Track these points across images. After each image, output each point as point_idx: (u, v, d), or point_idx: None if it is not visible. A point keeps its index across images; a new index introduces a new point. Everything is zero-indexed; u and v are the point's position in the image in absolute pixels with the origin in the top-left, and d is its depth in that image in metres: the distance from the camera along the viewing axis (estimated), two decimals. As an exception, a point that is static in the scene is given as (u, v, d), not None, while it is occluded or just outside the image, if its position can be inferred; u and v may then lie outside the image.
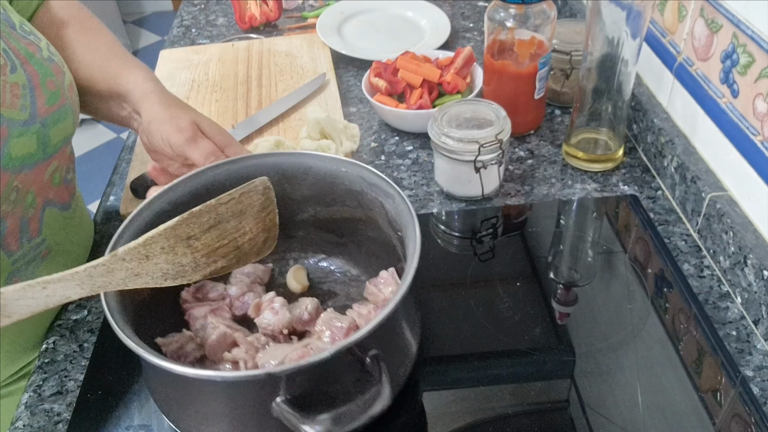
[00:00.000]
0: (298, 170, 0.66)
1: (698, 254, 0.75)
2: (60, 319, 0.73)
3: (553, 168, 0.88)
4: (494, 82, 0.90)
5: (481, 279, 0.74)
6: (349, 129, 0.87)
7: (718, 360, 0.63)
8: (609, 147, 0.86)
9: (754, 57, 0.67)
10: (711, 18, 0.74)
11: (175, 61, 1.12)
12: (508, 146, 0.81)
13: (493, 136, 0.77)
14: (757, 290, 0.65)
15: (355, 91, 1.06)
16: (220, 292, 0.67)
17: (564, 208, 0.83)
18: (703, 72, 0.77)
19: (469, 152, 0.78)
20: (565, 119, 0.97)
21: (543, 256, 0.77)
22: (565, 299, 0.72)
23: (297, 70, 1.08)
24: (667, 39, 0.85)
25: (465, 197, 0.84)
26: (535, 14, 0.84)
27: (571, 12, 1.15)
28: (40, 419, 0.63)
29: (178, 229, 0.55)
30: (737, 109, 0.71)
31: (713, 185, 0.74)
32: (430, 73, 0.95)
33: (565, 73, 0.96)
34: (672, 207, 0.81)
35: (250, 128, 0.93)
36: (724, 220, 0.70)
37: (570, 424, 0.59)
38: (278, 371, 0.47)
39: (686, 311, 0.68)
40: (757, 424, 0.58)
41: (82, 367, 0.67)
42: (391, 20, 1.22)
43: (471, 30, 1.21)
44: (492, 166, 0.80)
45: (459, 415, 0.61)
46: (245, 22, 1.24)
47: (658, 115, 0.85)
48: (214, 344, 0.60)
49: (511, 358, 0.65)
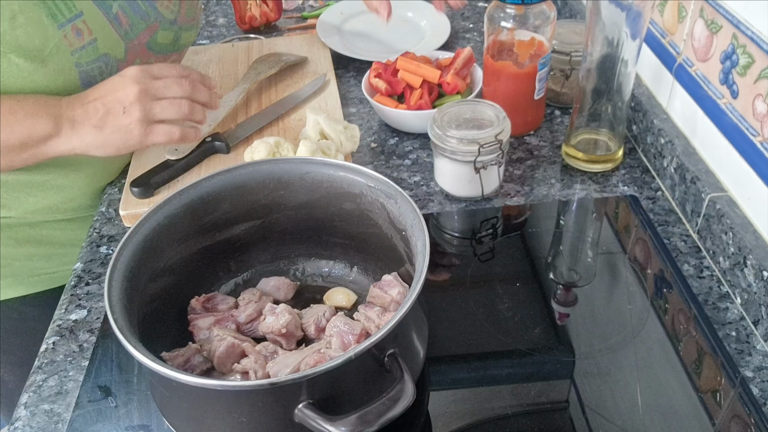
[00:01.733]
0: (294, 176, 0.66)
1: (698, 255, 0.75)
2: (60, 319, 0.73)
3: (553, 168, 0.88)
4: (494, 82, 0.90)
5: (481, 279, 0.74)
6: (349, 129, 0.87)
7: (717, 361, 0.63)
8: (609, 148, 0.86)
9: (754, 58, 0.67)
10: (711, 19, 0.74)
11: (175, 62, 1.12)
12: (508, 146, 0.81)
13: (493, 137, 0.77)
14: (757, 291, 0.65)
15: (355, 91, 1.07)
16: (229, 305, 0.67)
17: (564, 208, 0.83)
18: (702, 73, 0.77)
19: (469, 153, 0.78)
20: (564, 120, 0.97)
21: (543, 257, 0.77)
22: (564, 300, 0.72)
23: (297, 71, 1.08)
24: (667, 40, 0.85)
25: (465, 198, 0.84)
26: (535, 15, 0.84)
27: (570, 13, 1.15)
28: (39, 419, 0.63)
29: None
30: (737, 110, 0.71)
31: (713, 186, 0.74)
32: (429, 73, 0.95)
33: (564, 74, 0.96)
34: (672, 208, 0.81)
35: (250, 129, 0.93)
36: (723, 221, 0.70)
37: (570, 425, 0.59)
38: (309, 375, 0.47)
39: (686, 312, 0.68)
40: (756, 424, 0.58)
41: (82, 368, 0.67)
42: (391, 21, 1.22)
43: (471, 31, 1.21)
44: (492, 166, 0.80)
45: (459, 415, 0.61)
46: (245, 22, 1.24)
47: (658, 116, 0.85)
48: (223, 356, 0.60)
49: (511, 359, 0.65)
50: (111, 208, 0.88)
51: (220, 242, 0.68)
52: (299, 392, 0.49)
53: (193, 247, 0.66)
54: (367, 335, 0.62)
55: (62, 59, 0.75)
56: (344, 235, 0.70)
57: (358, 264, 0.72)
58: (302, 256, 0.73)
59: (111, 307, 0.53)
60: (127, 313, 0.54)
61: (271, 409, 0.50)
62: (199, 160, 0.88)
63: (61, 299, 0.75)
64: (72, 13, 0.75)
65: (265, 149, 0.82)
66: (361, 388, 0.52)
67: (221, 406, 0.52)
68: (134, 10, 0.82)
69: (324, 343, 0.61)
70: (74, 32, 0.75)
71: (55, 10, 0.73)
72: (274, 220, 0.69)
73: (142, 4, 0.83)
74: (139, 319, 0.57)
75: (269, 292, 0.69)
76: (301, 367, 0.57)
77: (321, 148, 0.83)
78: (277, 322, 0.63)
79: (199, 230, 0.66)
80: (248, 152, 0.84)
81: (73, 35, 0.75)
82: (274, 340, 0.63)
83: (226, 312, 0.66)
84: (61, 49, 0.74)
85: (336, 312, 0.66)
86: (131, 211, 0.82)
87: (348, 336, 0.60)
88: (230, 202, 0.66)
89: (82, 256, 0.81)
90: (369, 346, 0.48)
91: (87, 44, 0.76)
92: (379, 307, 0.64)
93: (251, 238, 0.70)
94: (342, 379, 0.51)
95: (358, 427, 0.47)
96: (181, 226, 0.63)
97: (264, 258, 0.72)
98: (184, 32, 0.92)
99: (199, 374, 0.60)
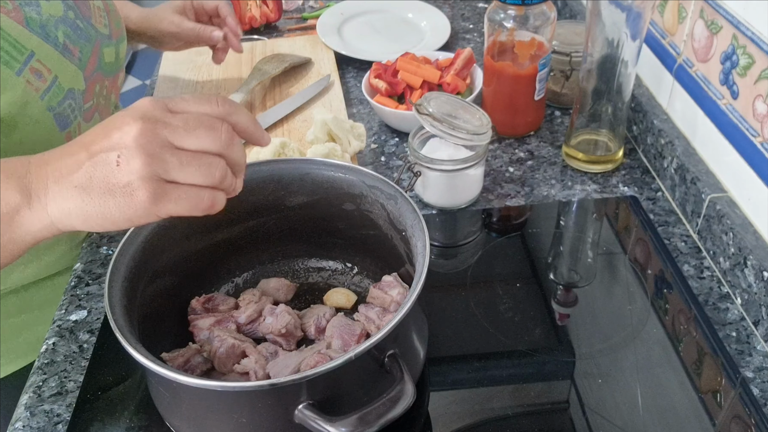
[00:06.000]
0: (294, 177, 0.66)
1: (698, 255, 0.75)
2: (60, 320, 0.73)
3: (553, 169, 0.88)
4: (494, 83, 0.90)
5: (481, 280, 0.74)
6: (356, 129, 0.87)
7: (718, 361, 0.63)
8: (609, 148, 0.86)
9: (754, 58, 0.67)
10: (711, 19, 0.74)
11: (179, 63, 1.12)
12: (487, 150, 0.81)
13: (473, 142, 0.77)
14: (757, 291, 0.65)
15: (355, 92, 1.07)
16: (230, 305, 0.67)
17: (564, 209, 0.83)
18: (702, 73, 0.77)
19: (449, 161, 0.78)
20: (565, 120, 0.97)
21: (543, 257, 0.77)
22: (565, 300, 0.72)
23: (301, 72, 1.08)
24: (667, 40, 0.85)
25: (449, 207, 0.84)
26: (535, 15, 0.84)
27: (571, 13, 1.15)
28: (39, 420, 0.63)
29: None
30: (737, 111, 0.71)
31: (713, 186, 0.74)
32: (430, 74, 0.95)
33: (565, 75, 0.96)
34: (672, 208, 0.81)
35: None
36: (724, 221, 0.70)
37: (570, 425, 0.59)
38: (309, 375, 0.47)
39: (686, 312, 0.68)
40: (757, 425, 0.58)
41: (82, 368, 0.67)
42: (391, 21, 1.22)
43: (471, 31, 1.21)
44: (475, 171, 0.80)
45: (459, 416, 0.61)
46: (245, 23, 1.24)
47: (658, 117, 0.85)
48: (223, 356, 0.60)
49: (511, 359, 0.65)
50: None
51: (220, 243, 0.68)
52: (299, 393, 0.49)
53: (193, 248, 0.66)
54: (367, 336, 0.62)
55: (34, 108, 0.69)
56: (344, 235, 0.70)
57: (358, 264, 0.72)
58: (302, 256, 0.73)
59: (111, 307, 0.53)
60: (127, 313, 0.54)
61: (271, 409, 0.50)
62: (202, 160, 0.88)
63: (61, 300, 0.75)
64: (23, 55, 0.69)
65: (270, 150, 0.82)
66: (362, 389, 0.52)
67: (221, 406, 0.52)
68: (77, 33, 0.77)
69: (324, 344, 0.61)
70: (34, 75, 0.70)
71: (6, 57, 0.67)
72: (274, 221, 0.69)
73: (80, 23, 0.78)
74: (139, 319, 0.57)
75: (269, 293, 0.69)
76: (301, 368, 0.57)
77: (331, 151, 0.82)
78: (276, 322, 0.63)
79: (200, 230, 0.65)
80: (253, 153, 0.84)
81: (35, 78, 0.70)
82: (274, 341, 0.63)
83: (227, 312, 0.66)
84: (29, 97, 0.68)
85: (336, 312, 0.66)
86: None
87: (348, 337, 0.60)
88: (230, 202, 0.66)
89: (82, 257, 0.81)
90: (369, 346, 0.48)
91: (50, 84, 0.71)
92: (379, 308, 0.64)
93: (251, 239, 0.70)
94: (342, 380, 0.51)
95: (358, 428, 0.47)
96: (182, 226, 0.63)
97: (264, 258, 0.72)
98: (119, 45, 0.87)
99: (200, 375, 0.60)
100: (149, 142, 0.47)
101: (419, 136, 0.82)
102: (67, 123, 0.73)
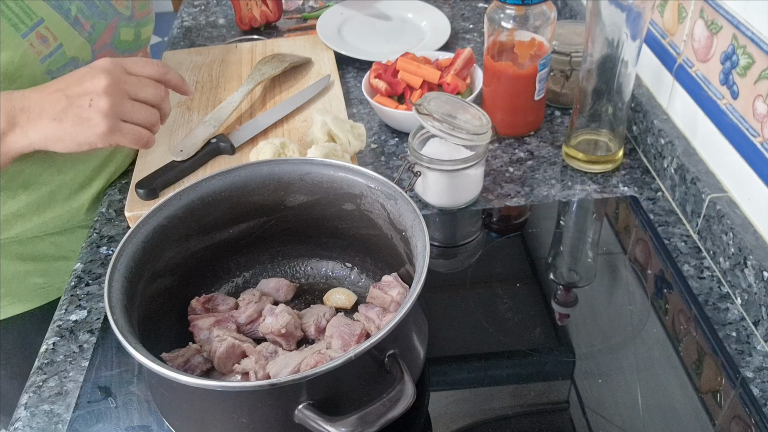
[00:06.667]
0: (294, 177, 0.66)
1: (698, 255, 0.75)
2: (60, 320, 0.73)
3: (553, 169, 0.88)
4: (494, 83, 0.90)
5: (481, 280, 0.74)
6: (356, 129, 0.87)
7: (718, 361, 0.63)
8: (609, 148, 0.86)
9: (754, 58, 0.67)
10: (711, 19, 0.74)
11: (179, 63, 1.12)
12: (487, 150, 0.81)
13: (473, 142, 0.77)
14: (757, 291, 0.65)
15: (355, 92, 1.07)
16: (230, 305, 0.67)
17: (564, 209, 0.83)
18: (702, 73, 0.77)
19: (449, 162, 0.78)
20: (565, 120, 0.97)
21: (543, 257, 0.77)
22: (565, 300, 0.72)
23: (301, 72, 1.08)
24: (667, 40, 0.85)
25: (449, 207, 0.84)
26: (535, 15, 0.84)
27: (571, 13, 1.15)
28: (39, 420, 0.63)
29: None
30: (737, 111, 0.71)
31: (713, 186, 0.74)
32: (430, 74, 0.95)
33: (565, 75, 0.96)
34: (672, 208, 0.81)
35: (254, 130, 0.93)
36: (724, 222, 0.70)
37: (570, 425, 0.59)
38: (309, 375, 0.47)
39: (686, 312, 0.68)
40: (757, 425, 0.58)
41: (82, 368, 0.67)
42: (391, 21, 1.22)
43: (471, 31, 1.21)
44: (475, 171, 0.80)
45: (459, 415, 0.61)
46: (245, 23, 1.24)
47: (658, 117, 0.85)
48: (223, 356, 0.60)
49: (511, 359, 0.65)
50: (111, 208, 0.88)
51: (220, 243, 0.68)
52: (299, 393, 0.49)
53: (193, 248, 0.66)
54: (367, 336, 0.62)
55: (33, 69, 0.74)
56: (344, 235, 0.70)
57: (358, 264, 0.72)
58: (302, 256, 0.73)
59: (111, 307, 0.53)
60: (127, 313, 0.54)
61: (271, 409, 0.50)
62: (205, 161, 0.88)
63: (61, 300, 0.75)
64: (33, 20, 0.74)
65: (271, 150, 0.82)
66: (362, 389, 0.52)
67: (221, 406, 0.52)
68: (92, 10, 0.81)
69: (324, 344, 0.61)
70: (39, 39, 0.74)
71: (15, 19, 0.72)
72: (274, 221, 0.69)
73: (99, 3, 0.82)
74: (139, 319, 0.57)
75: (269, 293, 0.69)
76: (301, 368, 0.57)
77: (331, 152, 0.82)
78: (276, 322, 0.63)
79: (199, 231, 0.66)
80: (253, 153, 0.84)
81: (39, 42, 0.74)
82: (274, 341, 0.63)
83: (227, 312, 0.66)
84: (29, 58, 0.73)
85: (336, 312, 0.66)
86: (137, 213, 0.82)
87: (348, 337, 0.60)
88: (230, 202, 0.66)
89: (82, 257, 0.81)
90: (369, 346, 0.48)
91: (54, 50, 0.76)
92: (379, 308, 0.64)
93: (251, 239, 0.70)
94: (342, 380, 0.51)
95: (359, 428, 0.47)
96: (182, 226, 0.64)
97: (264, 259, 0.72)
98: (143, 27, 0.92)
99: (200, 375, 0.60)
100: (114, 92, 0.68)
101: (419, 136, 0.82)
102: None
